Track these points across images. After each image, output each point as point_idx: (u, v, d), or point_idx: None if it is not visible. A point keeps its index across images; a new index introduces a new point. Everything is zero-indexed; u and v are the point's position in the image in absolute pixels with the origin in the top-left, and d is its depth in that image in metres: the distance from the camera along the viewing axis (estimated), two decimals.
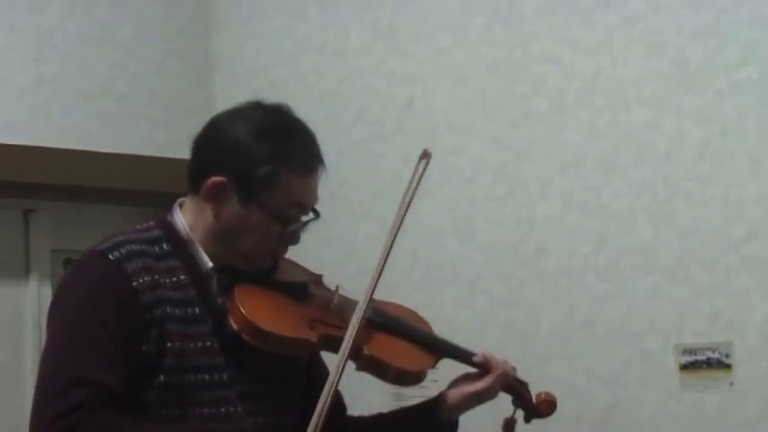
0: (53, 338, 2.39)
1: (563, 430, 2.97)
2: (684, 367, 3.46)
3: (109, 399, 2.29)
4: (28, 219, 4.30)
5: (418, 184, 2.53)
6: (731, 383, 3.41)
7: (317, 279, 2.63)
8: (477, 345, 3.70)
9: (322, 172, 2.50)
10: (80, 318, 2.35)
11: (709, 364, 3.42)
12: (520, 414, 2.71)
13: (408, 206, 2.50)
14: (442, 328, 3.58)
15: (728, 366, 3.40)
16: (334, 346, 2.47)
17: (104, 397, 2.29)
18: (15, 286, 4.23)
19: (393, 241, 2.48)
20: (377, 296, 2.52)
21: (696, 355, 3.44)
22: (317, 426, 2.31)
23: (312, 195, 2.50)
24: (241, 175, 2.43)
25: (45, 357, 2.38)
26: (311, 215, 2.51)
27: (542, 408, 2.69)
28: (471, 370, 2.69)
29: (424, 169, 2.55)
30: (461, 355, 2.70)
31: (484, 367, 2.67)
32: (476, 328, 3.85)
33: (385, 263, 2.47)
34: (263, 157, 2.43)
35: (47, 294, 4.22)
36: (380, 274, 2.47)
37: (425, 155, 2.57)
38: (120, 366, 2.32)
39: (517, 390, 2.71)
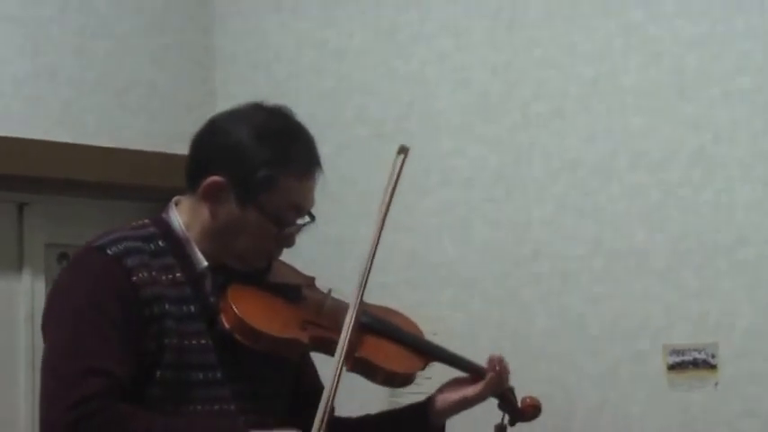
0: (59, 332, 2.50)
1: (554, 428, 3.20)
2: (672, 367, 3.74)
3: (122, 389, 2.43)
4: (22, 212, 4.45)
5: (397, 180, 2.66)
6: (716, 383, 3.69)
7: (310, 281, 2.78)
8: (472, 344, 3.73)
9: (320, 175, 2.66)
10: (85, 311, 2.47)
11: (696, 364, 3.70)
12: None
13: (390, 202, 2.65)
14: (439, 327, 3.70)
15: (714, 367, 3.68)
16: (325, 347, 2.64)
17: (118, 386, 2.42)
18: (9, 280, 4.38)
19: (378, 239, 2.64)
20: (369, 298, 2.67)
21: (683, 355, 3.72)
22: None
23: (309, 199, 2.65)
24: (240, 177, 2.57)
25: (53, 349, 2.50)
26: (307, 218, 2.67)
27: (527, 412, 2.88)
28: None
29: (402, 164, 2.68)
30: (451, 360, 2.85)
31: (477, 372, 2.82)
32: (471, 328, 4.13)
33: (372, 262, 2.64)
34: (263, 160, 2.58)
35: (40, 288, 4.41)
36: (368, 273, 2.63)
37: (402, 150, 2.71)
38: (128, 358, 2.46)
39: (505, 395, 2.87)
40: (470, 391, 2.81)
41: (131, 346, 2.48)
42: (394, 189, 2.67)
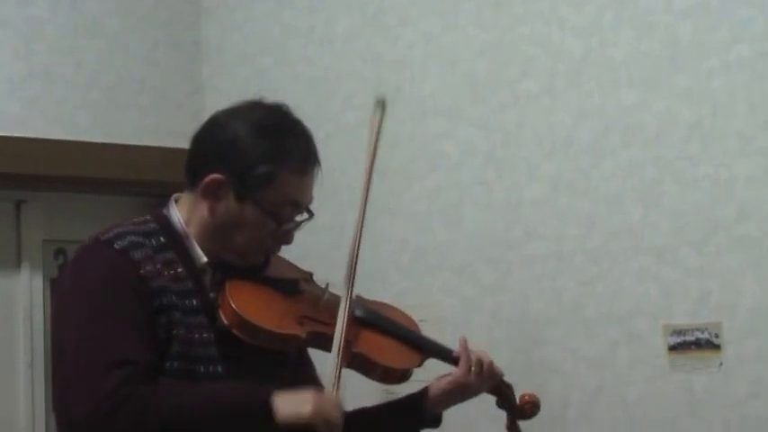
0: (76, 328, 2.36)
1: (551, 413, 2.95)
2: (673, 348, 3.38)
3: (146, 372, 2.31)
4: (19, 210, 4.30)
5: (378, 136, 2.50)
6: (720, 364, 3.32)
7: (308, 276, 2.65)
8: (466, 330, 3.63)
9: (318, 172, 2.52)
10: (100, 304, 2.36)
11: (699, 344, 3.34)
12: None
13: (374, 159, 2.48)
14: (431, 314, 3.52)
15: (718, 347, 3.31)
16: (322, 342, 2.50)
17: (141, 372, 2.30)
18: (7, 277, 4.24)
19: (365, 206, 2.51)
20: (360, 286, 2.53)
21: (685, 335, 3.36)
22: None
23: (307, 195, 2.52)
24: (238, 173, 2.44)
25: (74, 347, 2.35)
26: (305, 215, 2.52)
27: (526, 409, 2.73)
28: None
29: (381, 120, 2.53)
30: (447, 356, 2.71)
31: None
32: (464, 314, 3.81)
33: (359, 240, 2.49)
34: (260, 156, 2.44)
35: (38, 285, 4.27)
36: (357, 256, 2.50)
37: (379, 103, 2.56)
38: (148, 343, 2.34)
39: (502, 391, 2.73)
40: (456, 373, 2.67)
41: (148, 334, 2.36)
42: (375, 148, 2.50)
